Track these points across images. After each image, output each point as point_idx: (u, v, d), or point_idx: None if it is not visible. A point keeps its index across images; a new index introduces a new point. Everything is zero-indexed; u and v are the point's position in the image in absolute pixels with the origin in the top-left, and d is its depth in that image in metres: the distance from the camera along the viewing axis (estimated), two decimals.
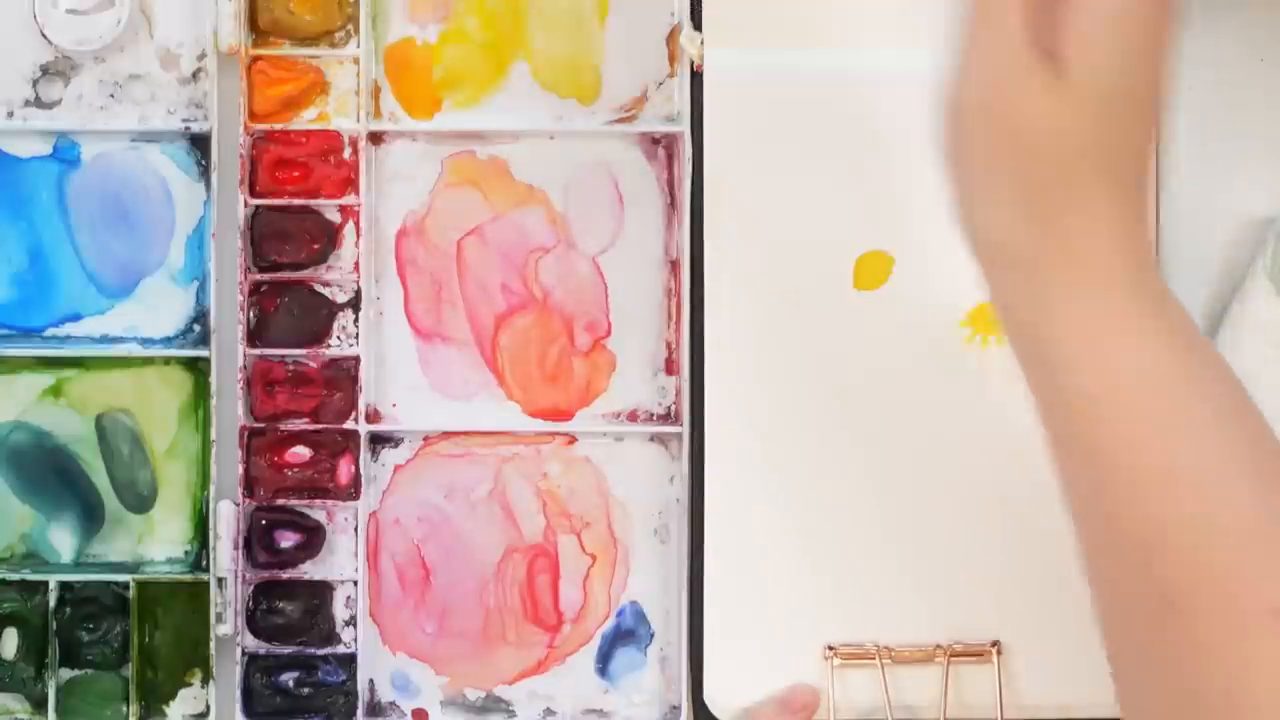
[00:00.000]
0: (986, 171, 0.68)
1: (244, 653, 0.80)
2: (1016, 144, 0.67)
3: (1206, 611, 0.64)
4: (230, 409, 0.79)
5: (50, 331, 0.80)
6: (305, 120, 0.80)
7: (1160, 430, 0.65)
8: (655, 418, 0.81)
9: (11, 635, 0.80)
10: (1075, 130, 0.66)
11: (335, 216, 0.80)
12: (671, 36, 0.80)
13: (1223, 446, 0.65)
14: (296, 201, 0.80)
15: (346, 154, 0.80)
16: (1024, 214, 0.67)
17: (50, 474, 0.80)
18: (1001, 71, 0.67)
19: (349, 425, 0.80)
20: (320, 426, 0.80)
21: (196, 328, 0.80)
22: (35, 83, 0.80)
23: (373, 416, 0.80)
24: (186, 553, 0.81)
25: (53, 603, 0.79)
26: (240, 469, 0.79)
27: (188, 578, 0.80)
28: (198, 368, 0.80)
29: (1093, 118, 0.66)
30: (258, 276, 0.79)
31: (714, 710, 0.79)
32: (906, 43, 0.78)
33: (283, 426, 0.80)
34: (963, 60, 0.68)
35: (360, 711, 0.80)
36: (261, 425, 0.80)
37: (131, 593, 0.79)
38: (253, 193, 0.79)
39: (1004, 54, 0.67)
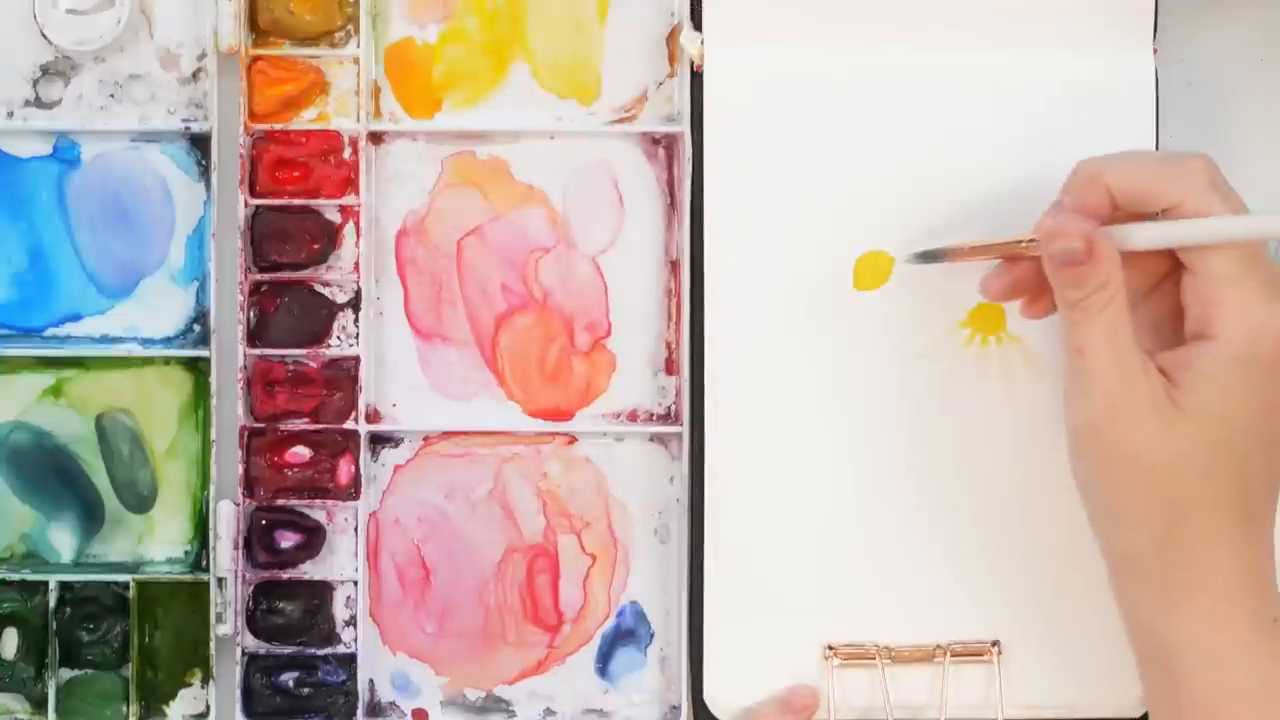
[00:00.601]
0: (1108, 491, 0.70)
1: (244, 653, 0.80)
2: (1132, 465, 0.69)
3: None
4: (230, 409, 0.79)
5: (50, 331, 0.80)
6: (305, 120, 0.80)
7: None
8: (655, 418, 0.81)
9: (11, 635, 0.80)
10: (1191, 458, 0.68)
11: (335, 216, 0.80)
12: (671, 36, 0.80)
13: None
14: (296, 201, 0.80)
15: (346, 154, 0.80)
16: (1147, 534, 0.69)
17: (50, 474, 0.80)
18: (1112, 392, 0.68)
19: (349, 425, 0.80)
20: (320, 426, 0.80)
21: (196, 328, 0.80)
22: (35, 83, 0.80)
23: (373, 416, 0.80)
24: (186, 553, 0.81)
25: (53, 603, 0.79)
26: (240, 469, 0.79)
27: (188, 578, 0.80)
28: (198, 368, 0.80)
29: (1209, 448, 0.68)
30: (258, 276, 0.79)
31: (714, 710, 0.79)
32: (907, 41, 0.78)
33: (283, 426, 0.80)
34: (1076, 383, 0.69)
35: (360, 711, 0.80)
36: (261, 425, 0.80)
37: (131, 593, 0.79)
38: (253, 193, 0.79)
39: (1113, 375, 0.68)
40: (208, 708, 0.80)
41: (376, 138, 0.80)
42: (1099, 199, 0.70)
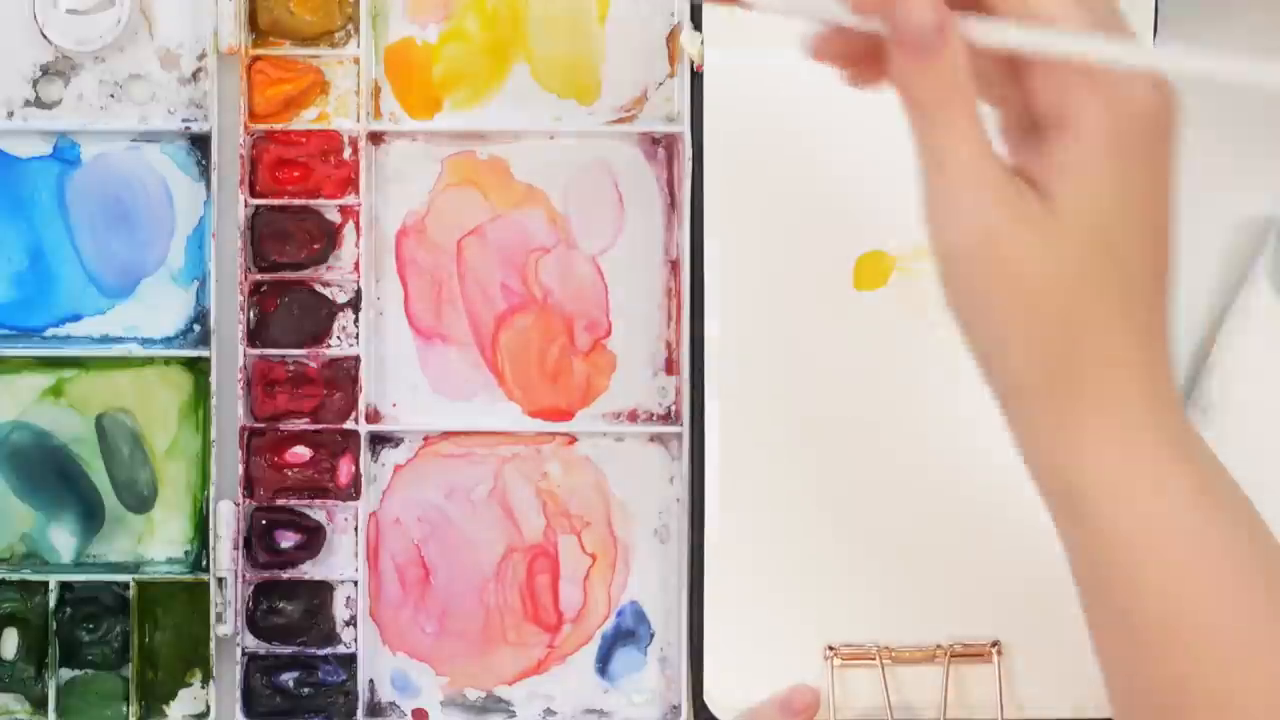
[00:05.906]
0: (992, 319, 0.64)
1: (244, 653, 0.80)
2: (1015, 288, 0.63)
3: None
4: (230, 409, 0.79)
5: (50, 331, 0.80)
6: (305, 120, 0.80)
7: (1184, 580, 0.64)
8: (655, 418, 0.81)
9: (11, 635, 0.80)
10: (1074, 266, 0.63)
11: (335, 216, 0.80)
12: (671, 36, 0.80)
13: (1245, 600, 0.64)
14: (296, 201, 0.80)
15: (346, 154, 0.80)
16: (1039, 359, 0.64)
17: (50, 474, 0.80)
18: (984, 212, 0.63)
19: (349, 425, 0.80)
20: (320, 426, 0.80)
21: (196, 328, 0.80)
22: (35, 83, 0.80)
23: (373, 416, 0.80)
24: (186, 553, 0.81)
25: (53, 603, 0.79)
26: (240, 469, 0.79)
27: (188, 578, 0.80)
28: (198, 368, 0.80)
29: (1090, 251, 0.63)
30: (258, 276, 0.80)
31: (714, 710, 0.79)
32: None
33: (283, 426, 0.80)
34: (940, 203, 0.64)
35: (360, 711, 0.80)
36: (261, 425, 0.80)
37: (131, 593, 0.79)
38: (253, 193, 0.79)
39: (983, 193, 0.63)
40: (208, 708, 0.80)
41: (376, 138, 0.80)
42: None
